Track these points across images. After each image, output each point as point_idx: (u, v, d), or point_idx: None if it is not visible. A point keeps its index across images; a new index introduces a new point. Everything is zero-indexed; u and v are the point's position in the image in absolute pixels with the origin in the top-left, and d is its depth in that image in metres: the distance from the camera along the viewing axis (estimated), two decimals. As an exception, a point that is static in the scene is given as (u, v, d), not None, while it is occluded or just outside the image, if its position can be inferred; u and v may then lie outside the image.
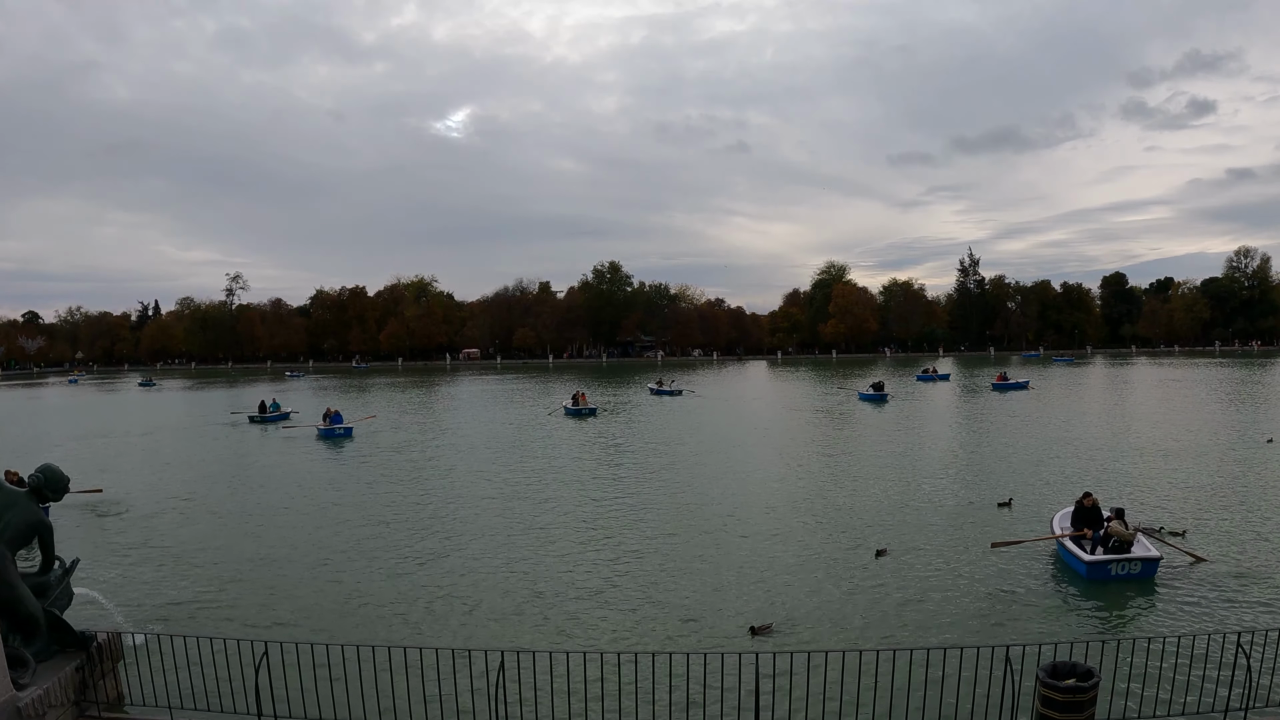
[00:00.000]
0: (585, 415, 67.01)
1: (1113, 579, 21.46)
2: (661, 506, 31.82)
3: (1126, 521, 22.76)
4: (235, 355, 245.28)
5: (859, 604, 20.34)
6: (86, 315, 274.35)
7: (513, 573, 23.15)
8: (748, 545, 25.83)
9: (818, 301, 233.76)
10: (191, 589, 22.42)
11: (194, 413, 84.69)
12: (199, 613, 20.54)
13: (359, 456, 47.50)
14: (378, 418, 63.33)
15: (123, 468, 45.76)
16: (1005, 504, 30.84)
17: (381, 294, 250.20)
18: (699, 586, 21.90)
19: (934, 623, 18.89)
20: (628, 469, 40.63)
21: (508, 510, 31.46)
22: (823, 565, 23.57)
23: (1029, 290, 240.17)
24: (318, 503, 34.15)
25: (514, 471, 40.46)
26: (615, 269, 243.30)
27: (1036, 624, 18.72)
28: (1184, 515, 28.00)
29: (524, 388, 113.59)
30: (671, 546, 25.90)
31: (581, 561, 24.35)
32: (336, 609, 20.53)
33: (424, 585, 22.26)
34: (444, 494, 35.22)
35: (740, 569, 23.26)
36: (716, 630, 18.79)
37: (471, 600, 20.96)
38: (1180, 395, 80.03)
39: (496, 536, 27.34)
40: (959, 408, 73.12)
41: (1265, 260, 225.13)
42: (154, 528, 30.32)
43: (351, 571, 23.61)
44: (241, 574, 23.69)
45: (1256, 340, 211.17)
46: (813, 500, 32.48)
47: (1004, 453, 44.05)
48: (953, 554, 24.18)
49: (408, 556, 25.13)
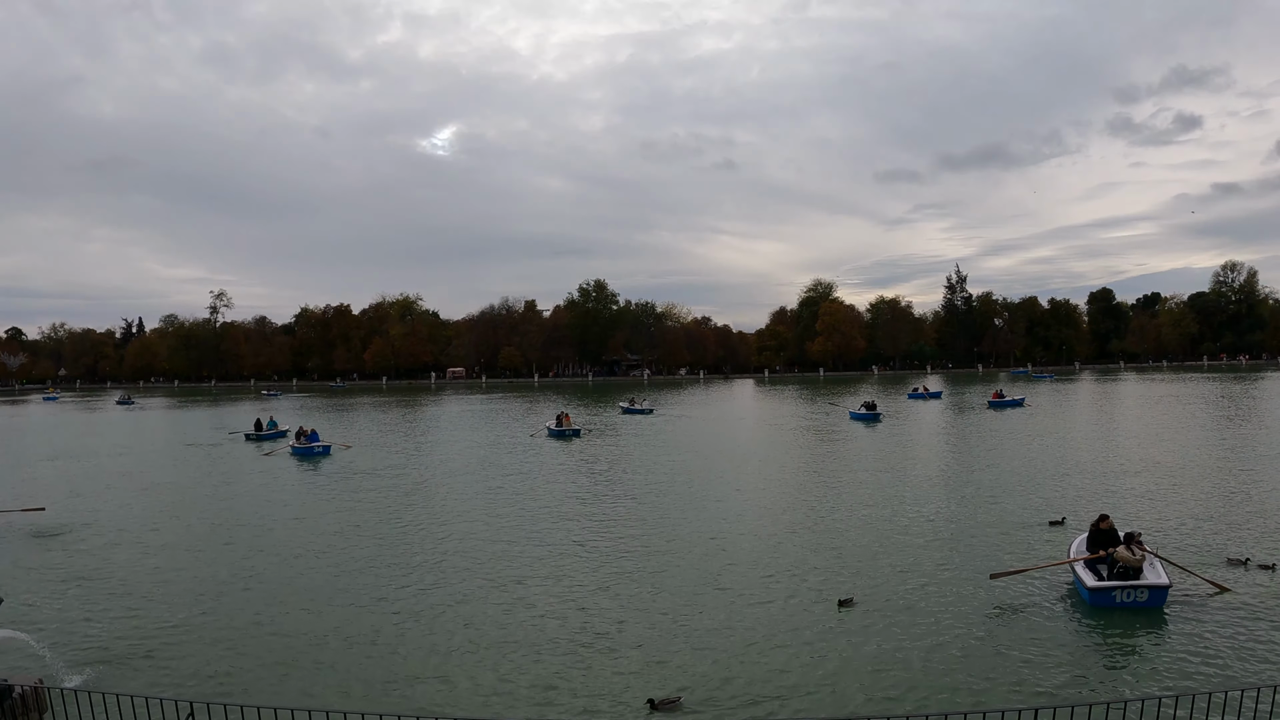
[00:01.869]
0: (569, 437, 65.37)
1: (1118, 606, 20.04)
2: (612, 546, 28.28)
3: (1141, 545, 21.22)
4: (219, 374, 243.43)
5: (803, 664, 17.40)
6: (71, 332, 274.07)
7: (469, 627, 20.54)
8: (704, 593, 22.50)
9: (805, 319, 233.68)
10: (135, 631, 20.44)
11: (169, 433, 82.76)
12: (140, 660, 18.54)
13: (332, 483, 45.55)
14: (354, 447, 61.38)
15: (85, 490, 43.95)
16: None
17: (366, 312, 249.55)
18: (608, 644, 18.77)
19: (912, 683, 16.30)
20: (598, 504, 36.64)
21: (468, 552, 27.97)
22: (773, 617, 20.28)
23: (1016, 307, 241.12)
24: (284, 537, 31.78)
25: (487, 501, 37.97)
26: (601, 287, 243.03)
27: (1034, 674, 16.57)
28: (1239, 538, 26.37)
29: (508, 408, 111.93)
30: (603, 597, 22.16)
31: (522, 615, 21.08)
32: (282, 662, 18.41)
33: (360, 638, 20.22)
34: (411, 532, 32.24)
35: (677, 621, 20.24)
36: (607, 702, 15.82)
37: (401, 653, 18.71)
38: (1184, 410, 79.41)
39: (456, 585, 23.97)
40: (957, 427, 71.68)
41: (1252, 274, 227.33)
42: (106, 557, 28.37)
43: (307, 618, 21.44)
44: (190, 616, 21.59)
45: (1245, 354, 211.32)
46: (792, 533, 30.06)
47: (1022, 470, 42.63)
48: (951, 585, 22.37)
49: (359, 603, 22.75)
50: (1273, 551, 24.32)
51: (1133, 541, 21.30)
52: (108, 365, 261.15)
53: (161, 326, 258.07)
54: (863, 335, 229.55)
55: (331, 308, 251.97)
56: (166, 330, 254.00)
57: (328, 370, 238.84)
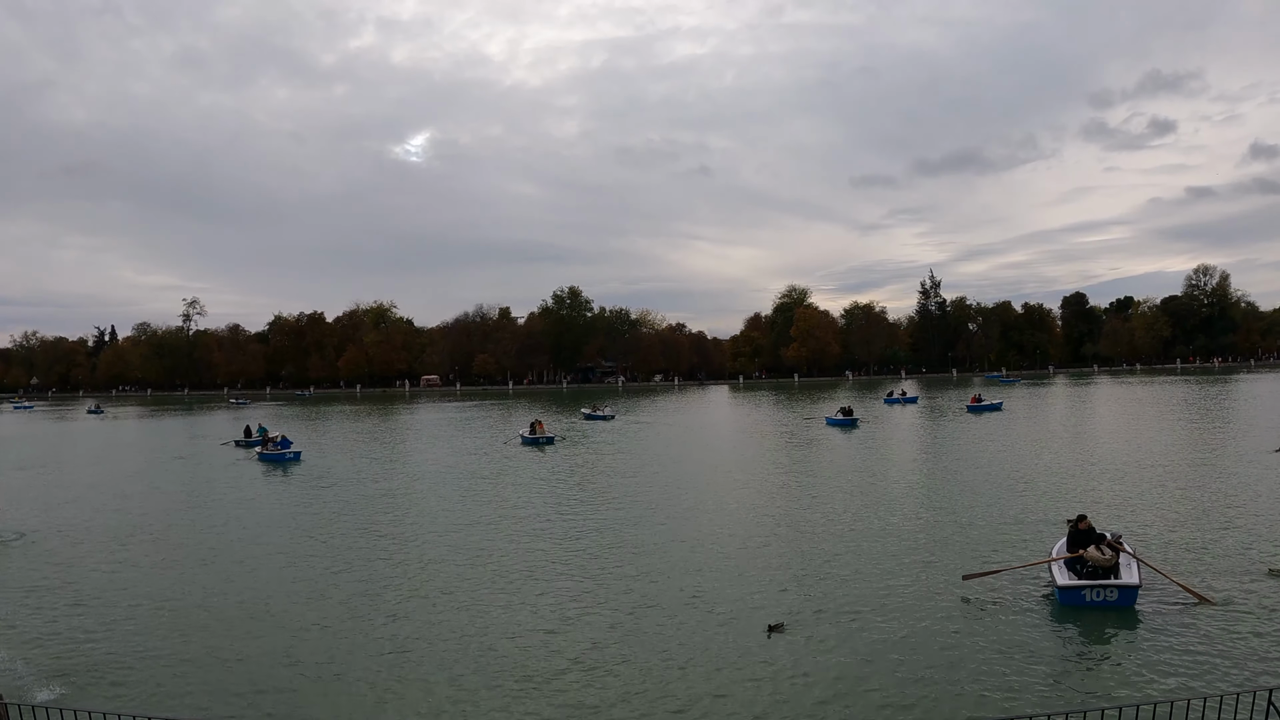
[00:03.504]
0: (542, 444, 64.75)
1: (1088, 605, 20.21)
2: (571, 567, 26.56)
3: (1118, 547, 21.37)
4: (192, 382, 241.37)
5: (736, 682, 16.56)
6: (43, 340, 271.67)
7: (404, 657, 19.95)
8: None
9: (779, 325, 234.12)
10: (99, 647, 19.90)
11: (142, 443, 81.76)
12: (106, 675, 18.12)
13: (304, 494, 44.76)
14: (324, 456, 60.85)
15: (53, 501, 43.15)
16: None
17: (340, 320, 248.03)
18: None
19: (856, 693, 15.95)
20: (561, 519, 35.07)
21: (426, 574, 26.23)
22: (705, 642, 18.88)
23: (990, 311, 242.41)
24: (254, 550, 30.94)
25: (452, 514, 36.83)
26: (575, 294, 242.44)
27: (1000, 676, 16.44)
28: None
29: (482, 415, 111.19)
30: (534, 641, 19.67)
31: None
32: (250, 682, 17.73)
33: (325, 657, 19.63)
34: (381, 545, 31.33)
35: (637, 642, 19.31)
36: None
37: (348, 678, 17.93)
38: (1167, 411, 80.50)
39: (425, 615, 22.75)
40: (938, 431, 71.59)
41: (1224, 278, 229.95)
42: (70, 568, 27.63)
43: (277, 637, 20.66)
44: (156, 631, 20.99)
45: (1218, 357, 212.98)
46: (765, 544, 29.66)
47: (1013, 472, 42.82)
48: (924, 586, 22.04)
49: (325, 623, 21.95)
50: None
51: (1104, 542, 21.40)
52: (80, 374, 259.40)
53: (134, 335, 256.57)
54: (837, 341, 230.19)
55: (305, 315, 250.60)
56: (139, 338, 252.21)
57: (302, 379, 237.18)
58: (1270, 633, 18.21)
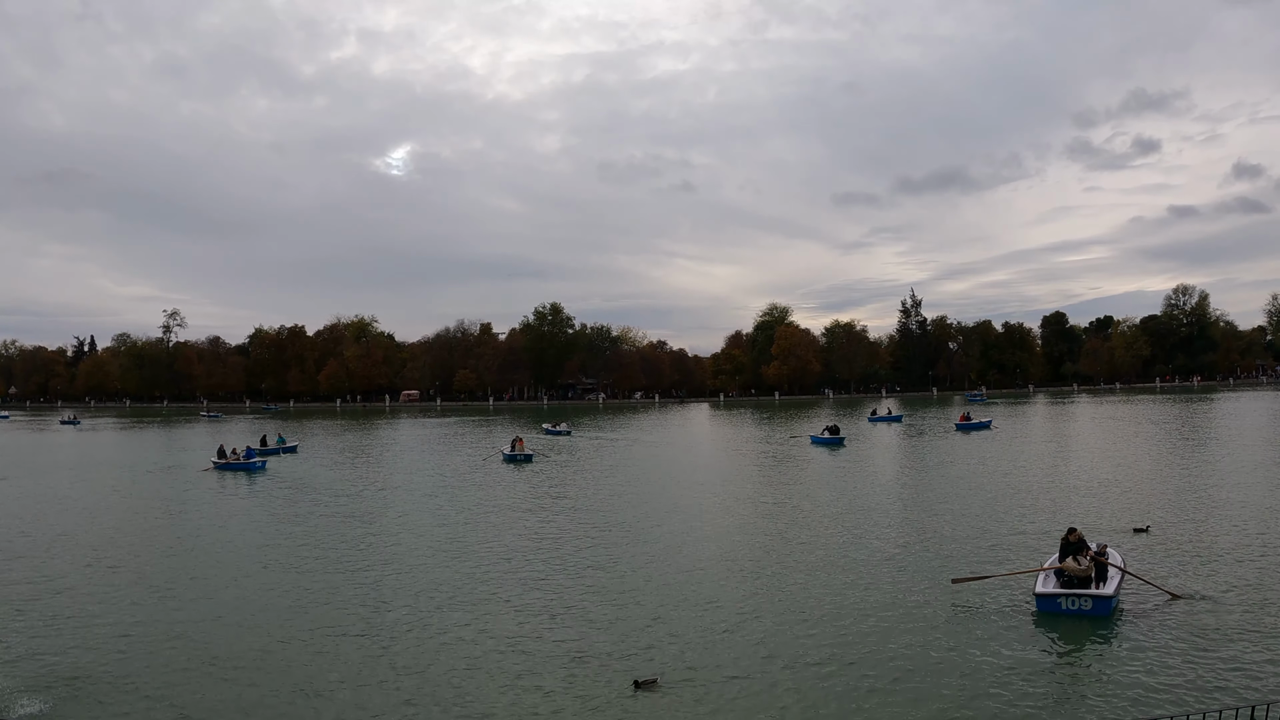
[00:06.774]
0: (521, 462, 64.37)
1: (1064, 613, 21.00)
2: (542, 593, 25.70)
3: (1101, 557, 22.26)
4: (172, 394, 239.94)
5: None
6: (21, 350, 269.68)
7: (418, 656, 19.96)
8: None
9: (760, 343, 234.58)
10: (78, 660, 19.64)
11: (120, 457, 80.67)
12: (79, 688, 18.03)
13: (278, 506, 44.32)
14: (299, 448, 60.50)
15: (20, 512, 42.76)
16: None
17: (321, 334, 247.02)
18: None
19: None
20: (541, 543, 34.19)
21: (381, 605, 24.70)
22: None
23: (971, 330, 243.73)
24: (220, 567, 30.32)
25: (423, 537, 35.50)
26: (557, 311, 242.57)
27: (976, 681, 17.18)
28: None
29: (462, 431, 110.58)
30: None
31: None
32: (232, 696, 17.59)
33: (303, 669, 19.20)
34: (352, 559, 31.12)
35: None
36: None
37: (349, 682, 18.08)
38: (1153, 430, 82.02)
39: (399, 638, 21.98)
40: (929, 450, 71.16)
41: (1204, 297, 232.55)
42: (43, 582, 27.03)
43: (259, 651, 20.41)
44: (131, 644, 20.90)
45: (1197, 376, 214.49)
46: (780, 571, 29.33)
47: (1018, 487, 43.70)
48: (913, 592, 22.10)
49: (302, 636, 21.74)
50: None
51: (1086, 553, 22.10)
52: (59, 384, 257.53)
53: (114, 345, 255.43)
54: (818, 359, 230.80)
55: (286, 329, 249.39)
56: (119, 349, 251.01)
57: (281, 392, 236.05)
58: (1246, 637, 19.27)
